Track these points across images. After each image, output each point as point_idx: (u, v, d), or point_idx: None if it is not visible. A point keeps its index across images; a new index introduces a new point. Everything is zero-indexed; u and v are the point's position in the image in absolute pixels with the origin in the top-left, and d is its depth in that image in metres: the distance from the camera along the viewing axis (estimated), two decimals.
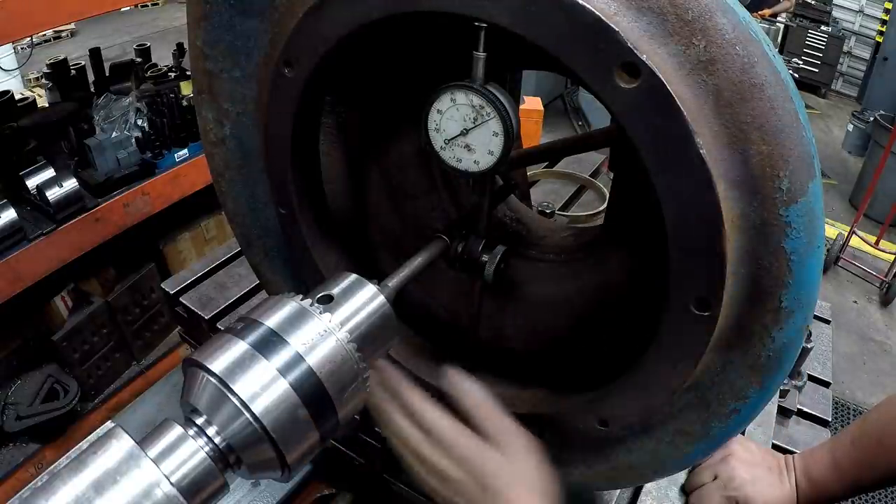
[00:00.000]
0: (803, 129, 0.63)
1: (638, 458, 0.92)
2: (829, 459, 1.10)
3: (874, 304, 4.87)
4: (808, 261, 0.67)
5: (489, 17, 0.65)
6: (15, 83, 5.14)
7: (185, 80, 2.76)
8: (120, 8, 2.48)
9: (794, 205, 0.64)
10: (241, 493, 1.26)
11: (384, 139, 1.13)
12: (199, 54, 0.94)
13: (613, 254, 1.06)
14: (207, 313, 1.54)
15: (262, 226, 1.09)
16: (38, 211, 2.26)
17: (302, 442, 0.66)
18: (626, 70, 0.60)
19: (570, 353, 1.03)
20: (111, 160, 2.44)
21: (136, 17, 8.86)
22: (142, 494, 0.56)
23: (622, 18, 0.61)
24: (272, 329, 0.67)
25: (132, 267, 2.81)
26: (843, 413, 3.81)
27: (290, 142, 0.89)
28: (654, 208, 0.65)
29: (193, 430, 0.63)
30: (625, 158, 1.06)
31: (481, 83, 0.76)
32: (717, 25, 0.60)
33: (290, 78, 0.82)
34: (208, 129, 1.02)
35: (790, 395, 1.46)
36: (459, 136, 0.80)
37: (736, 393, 0.79)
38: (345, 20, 0.74)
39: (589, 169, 2.28)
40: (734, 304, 0.69)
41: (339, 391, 0.68)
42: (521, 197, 1.35)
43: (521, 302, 1.11)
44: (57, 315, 2.57)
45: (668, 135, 0.61)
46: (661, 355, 0.75)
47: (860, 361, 4.29)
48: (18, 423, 2.39)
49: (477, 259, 0.95)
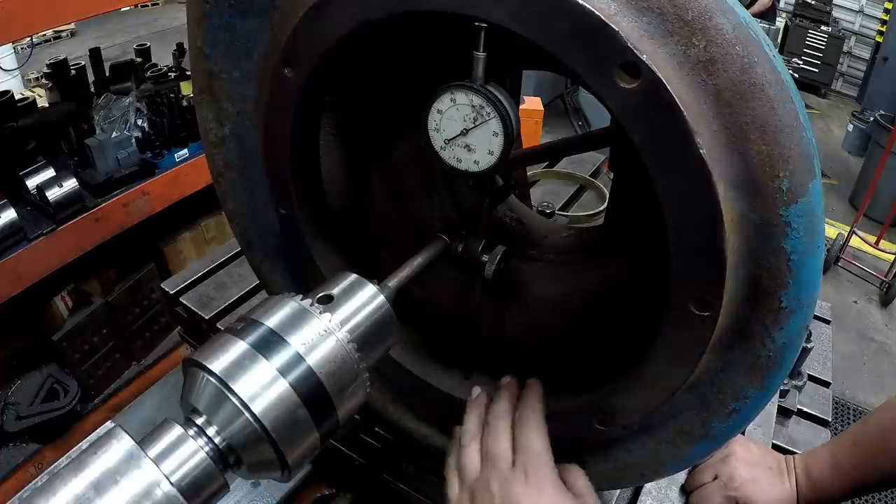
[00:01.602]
0: (803, 129, 0.63)
1: (638, 458, 0.92)
2: (829, 460, 1.10)
3: (874, 304, 4.87)
4: (808, 261, 0.67)
5: (489, 16, 0.65)
6: (15, 83, 5.14)
7: (185, 80, 2.75)
8: (120, 8, 2.48)
9: (794, 205, 0.64)
10: (241, 493, 1.26)
11: (384, 139, 1.13)
12: (199, 54, 0.94)
13: (613, 254, 1.06)
14: (207, 313, 1.54)
15: (261, 226, 1.09)
16: (38, 211, 2.26)
17: (302, 442, 0.66)
18: (626, 70, 0.60)
19: (570, 353, 1.03)
20: (111, 160, 2.44)
21: (136, 17, 8.86)
22: (142, 494, 0.56)
23: (622, 18, 0.61)
24: (272, 329, 0.68)
25: (132, 267, 2.81)
26: (843, 413, 3.81)
27: (290, 142, 0.89)
28: (654, 208, 0.65)
29: (193, 430, 0.63)
30: (625, 158, 1.06)
31: (481, 83, 0.76)
32: (717, 25, 0.60)
33: (290, 78, 0.82)
34: (208, 129, 1.02)
35: (790, 395, 1.46)
36: (459, 136, 0.80)
37: (736, 393, 0.79)
38: (344, 20, 0.74)
39: (589, 169, 2.28)
40: (734, 304, 0.69)
41: (339, 391, 0.68)
42: (521, 197, 1.35)
43: (521, 302, 1.11)
44: (57, 315, 2.57)
45: (668, 135, 0.61)
46: (661, 355, 0.75)
47: (860, 361, 4.29)
48: (18, 423, 2.39)
49: (477, 259, 0.95)
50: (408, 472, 1.22)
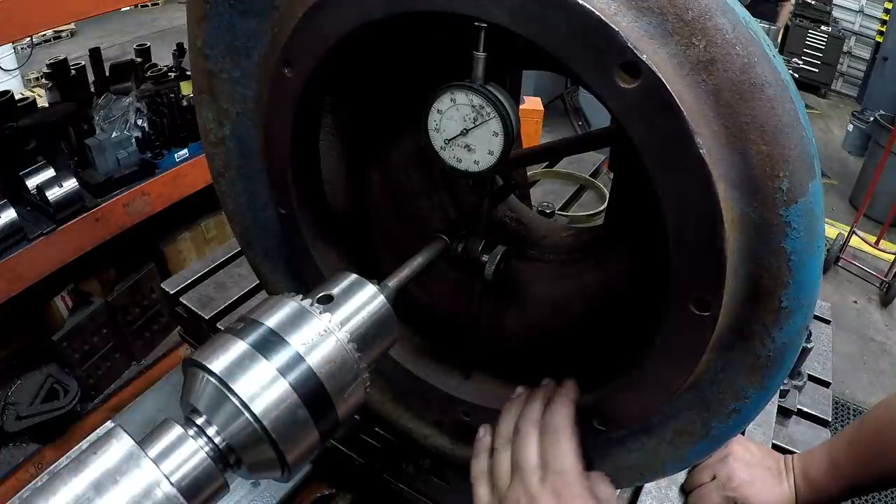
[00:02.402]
0: (803, 129, 0.63)
1: (638, 458, 0.92)
2: (827, 460, 1.10)
3: (874, 304, 4.87)
4: (808, 261, 0.67)
5: (489, 16, 0.65)
6: (15, 83, 5.14)
7: (185, 80, 2.75)
8: (120, 8, 2.48)
9: (794, 205, 0.64)
10: (241, 493, 1.26)
11: (384, 139, 1.13)
12: (199, 54, 0.94)
13: (613, 254, 1.06)
14: (207, 313, 1.54)
15: (261, 226, 1.09)
16: (38, 211, 2.26)
17: (302, 442, 0.66)
18: (626, 70, 0.60)
19: (571, 353, 1.03)
20: (111, 160, 2.44)
21: (136, 17, 8.86)
22: (142, 494, 0.56)
23: (622, 18, 0.61)
24: (272, 329, 0.68)
25: (132, 267, 2.82)
26: (843, 413, 3.81)
27: (290, 142, 0.89)
28: (654, 208, 0.65)
29: (193, 430, 0.63)
30: (625, 158, 1.06)
31: (481, 83, 0.76)
32: (717, 25, 0.60)
33: (290, 78, 0.82)
34: (208, 129, 1.02)
35: (790, 395, 1.46)
36: (459, 136, 0.80)
37: (736, 393, 0.79)
38: (344, 20, 0.74)
39: (589, 169, 2.28)
40: (734, 304, 0.69)
41: (339, 391, 0.68)
42: (521, 197, 1.35)
43: (521, 302, 1.11)
44: (57, 315, 2.57)
45: (668, 135, 0.61)
46: (661, 355, 0.75)
47: (860, 361, 4.29)
48: (18, 423, 2.40)
49: (477, 259, 0.95)
50: (408, 472, 1.22)
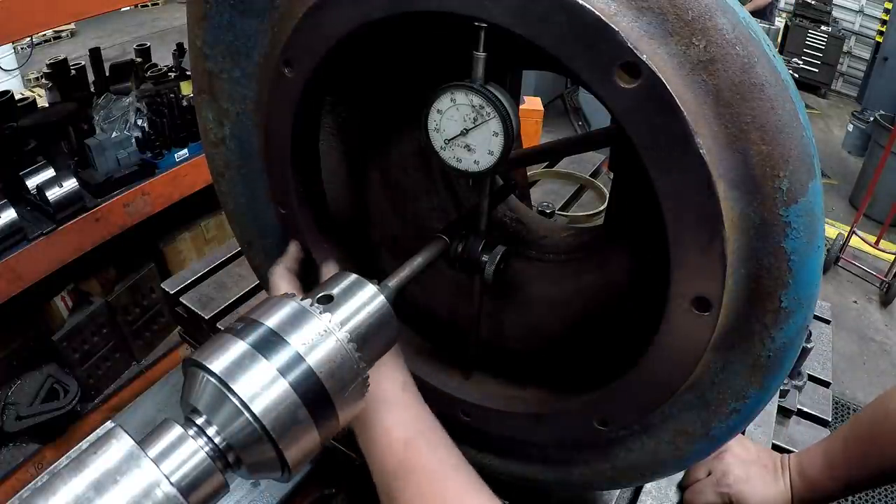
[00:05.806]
0: (803, 129, 0.63)
1: (638, 458, 0.92)
2: (822, 458, 1.10)
3: (874, 304, 4.87)
4: (808, 261, 0.67)
5: (489, 16, 0.65)
6: (15, 83, 5.15)
7: (185, 80, 2.75)
8: (120, 8, 2.48)
9: (794, 205, 0.64)
10: (241, 493, 1.26)
11: (384, 139, 1.13)
12: (199, 54, 0.94)
13: (613, 254, 1.06)
14: (207, 313, 1.54)
15: (262, 226, 1.09)
16: (38, 211, 2.26)
17: (302, 442, 0.66)
18: (626, 70, 0.60)
19: (570, 353, 1.03)
20: (111, 160, 2.44)
21: (136, 17, 8.86)
22: (142, 494, 0.56)
23: (622, 18, 0.61)
24: (272, 329, 0.67)
25: (132, 267, 2.81)
26: (843, 413, 3.81)
27: (289, 142, 0.89)
28: (654, 208, 0.65)
29: (193, 430, 0.63)
30: (625, 158, 1.06)
31: (481, 83, 0.76)
32: (717, 25, 0.60)
33: (290, 78, 0.82)
34: (208, 129, 1.02)
35: (790, 395, 1.46)
36: (459, 136, 0.80)
37: (736, 393, 0.79)
38: (345, 20, 0.74)
39: (589, 169, 2.28)
40: (734, 304, 0.69)
41: (339, 391, 0.68)
42: (521, 197, 1.35)
43: (520, 302, 1.11)
44: (57, 315, 2.57)
45: (668, 135, 0.61)
46: (661, 355, 0.75)
47: (860, 361, 4.29)
48: (18, 423, 2.39)
49: (477, 259, 0.95)
50: None
